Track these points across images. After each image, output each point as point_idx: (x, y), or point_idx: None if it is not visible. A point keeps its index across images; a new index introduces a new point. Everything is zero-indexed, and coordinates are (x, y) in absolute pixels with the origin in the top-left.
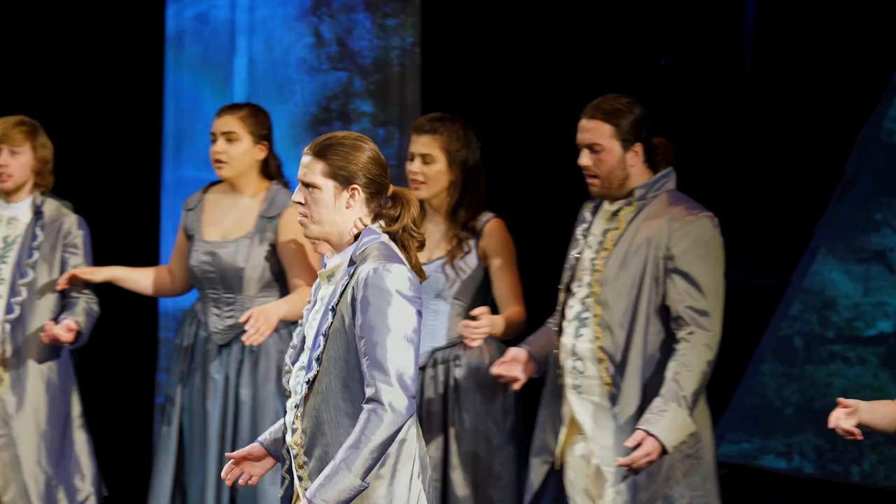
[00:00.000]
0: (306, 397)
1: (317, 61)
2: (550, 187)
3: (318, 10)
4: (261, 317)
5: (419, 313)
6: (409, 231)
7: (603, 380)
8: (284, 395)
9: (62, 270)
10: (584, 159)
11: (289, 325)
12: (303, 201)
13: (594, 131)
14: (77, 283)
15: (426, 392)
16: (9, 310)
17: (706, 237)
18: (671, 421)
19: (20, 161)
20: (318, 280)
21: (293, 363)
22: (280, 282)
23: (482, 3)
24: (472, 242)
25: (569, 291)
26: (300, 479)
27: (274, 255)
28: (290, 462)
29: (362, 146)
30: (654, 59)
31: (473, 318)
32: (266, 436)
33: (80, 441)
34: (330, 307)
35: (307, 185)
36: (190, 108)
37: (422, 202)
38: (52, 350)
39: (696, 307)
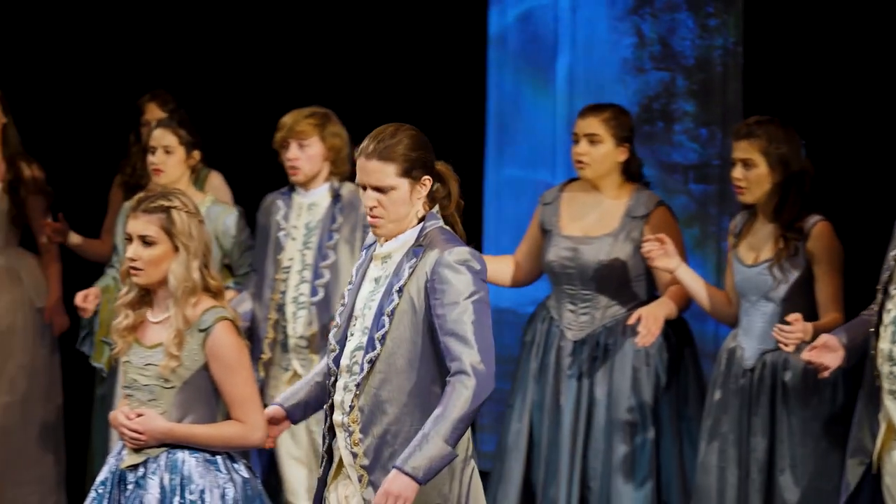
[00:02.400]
0: (367, 376)
1: (639, 61)
2: (878, 188)
3: (641, 9)
4: (650, 318)
5: (488, 290)
6: (457, 206)
7: None
8: (329, 373)
9: None
10: None
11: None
12: (376, 204)
13: None
14: None
15: (753, 394)
16: (314, 292)
17: None
18: None
19: (309, 153)
20: (360, 260)
21: (339, 342)
22: (637, 281)
23: (806, 3)
24: (799, 244)
25: (886, 293)
26: (355, 455)
27: (636, 255)
28: (330, 442)
29: (415, 135)
30: None
31: (788, 323)
32: (285, 399)
33: None
34: (396, 288)
35: (380, 190)
36: (512, 108)
37: (752, 205)
38: None
39: None
